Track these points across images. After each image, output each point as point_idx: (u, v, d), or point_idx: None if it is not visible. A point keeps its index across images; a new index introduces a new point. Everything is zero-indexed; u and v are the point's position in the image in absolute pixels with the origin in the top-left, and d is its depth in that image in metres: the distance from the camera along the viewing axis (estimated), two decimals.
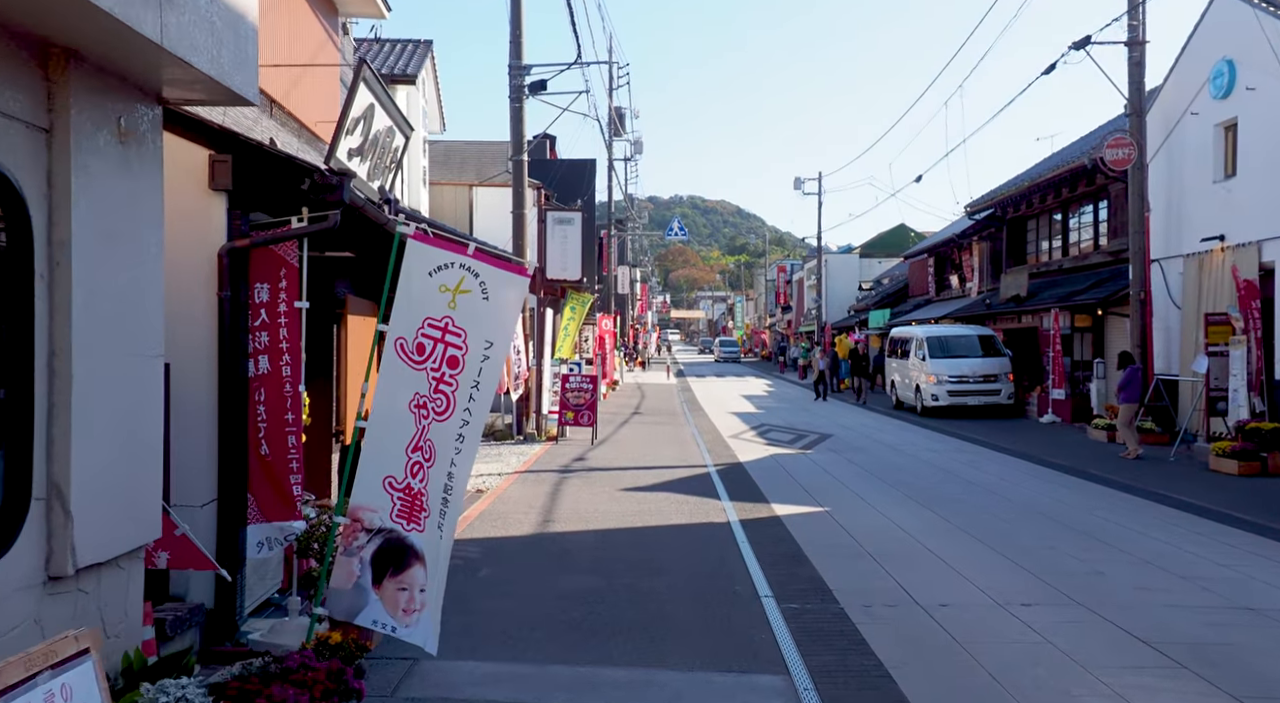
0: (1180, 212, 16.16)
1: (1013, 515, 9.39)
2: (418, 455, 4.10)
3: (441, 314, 4.14)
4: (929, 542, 8.14)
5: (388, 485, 4.17)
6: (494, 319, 4.14)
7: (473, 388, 4.11)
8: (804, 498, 10.60)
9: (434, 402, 4.10)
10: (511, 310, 4.22)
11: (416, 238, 4.19)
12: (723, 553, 7.82)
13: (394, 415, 4.16)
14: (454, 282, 4.16)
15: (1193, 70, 15.58)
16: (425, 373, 4.13)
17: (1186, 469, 12.69)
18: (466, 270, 4.14)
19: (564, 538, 8.38)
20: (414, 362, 4.13)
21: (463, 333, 4.12)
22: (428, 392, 4.10)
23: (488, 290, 4.14)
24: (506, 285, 4.16)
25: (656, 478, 12.06)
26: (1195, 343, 15.43)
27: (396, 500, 4.14)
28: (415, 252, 4.18)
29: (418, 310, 4.17)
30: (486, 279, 4.14)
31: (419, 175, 23.34)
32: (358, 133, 7.10)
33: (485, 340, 4.13)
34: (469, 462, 4.19)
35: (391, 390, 4.17)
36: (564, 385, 16.36)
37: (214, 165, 4.94)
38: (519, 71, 16.06)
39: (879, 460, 13.94)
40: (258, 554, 5.07)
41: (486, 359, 4.13)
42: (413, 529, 4.14)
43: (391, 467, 4.17)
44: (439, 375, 4.11)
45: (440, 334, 4.15)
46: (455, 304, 4.14)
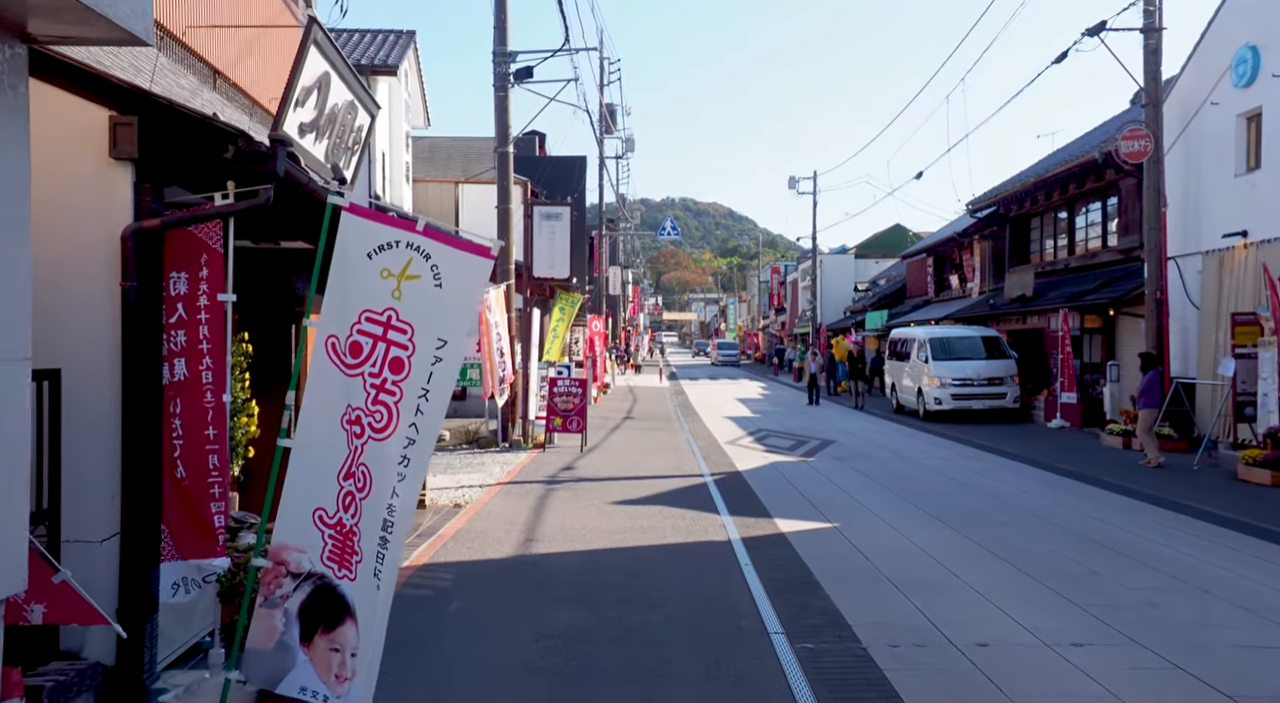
0: (1199, 207, 15.41)
1: (1039, 532, 8.58)
2: (350, 484, 3.27)
3: (383, 306, 3.31)
4: (952, 564, 7.32)
5: (318, 520, 3.33)
6: (449, 311, 3.31)
7: (420, 398, 3.28)
8: (809, 512, 9.77)
9: (372, 415, 3.27)
10: (470, 301, 3.39)
11: (353, 210, 3.36)
12: (724, 578, 6.99)
13: (323, 432, 3.32)
14: (399, 265, 3.32)
15: (1213, 58, 14.84)
16: (362, 379, 3.29)
17: (1213, 479, 11.91)
18: (415, 251, 3.30)
19: (548, 562, 7.54)
20: (348, 365, 3.29)
21: (409, 329, 3.29)
22: (364, 403, 3.27)
23: (441, 276, 3.30)
24: (464, 270, 3.33)
25: (650, 489, 11.23)
26: (1215, 344, 14.68)
27: (328, 539, 3.30)
28: (352, 228, 3.35)
29: (354, 301, 3.33)
30: (440, 262, 3.30)
31: (402, 171, 22.49)
32: (310, 105, 6.25)
33: (438, 338, 3.29)
34: (414, 490, 3.35)
35: (320, 401, 3.33)
36: (551, 390, 15.51)
37: (115, 129, 4.09)
38: (504, 58, 15.21)
39: (886, 469, 13.13)
40: (172, 598, 4.21)
41: (439, 361, 3.29)
42: (344, 577, 3.30)
43: (322, 496, 3.33)
44: (379, 382, 3.28)
45: (381, 331, 3.31)
46: (400, 293, 3.30)
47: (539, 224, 15.98)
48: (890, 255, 46.57)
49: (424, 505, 9.89)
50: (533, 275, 16.23)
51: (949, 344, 21.51)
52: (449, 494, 10.80)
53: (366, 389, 3.26)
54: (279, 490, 3.44)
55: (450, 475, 12.39)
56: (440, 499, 10.43)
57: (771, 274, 64.62)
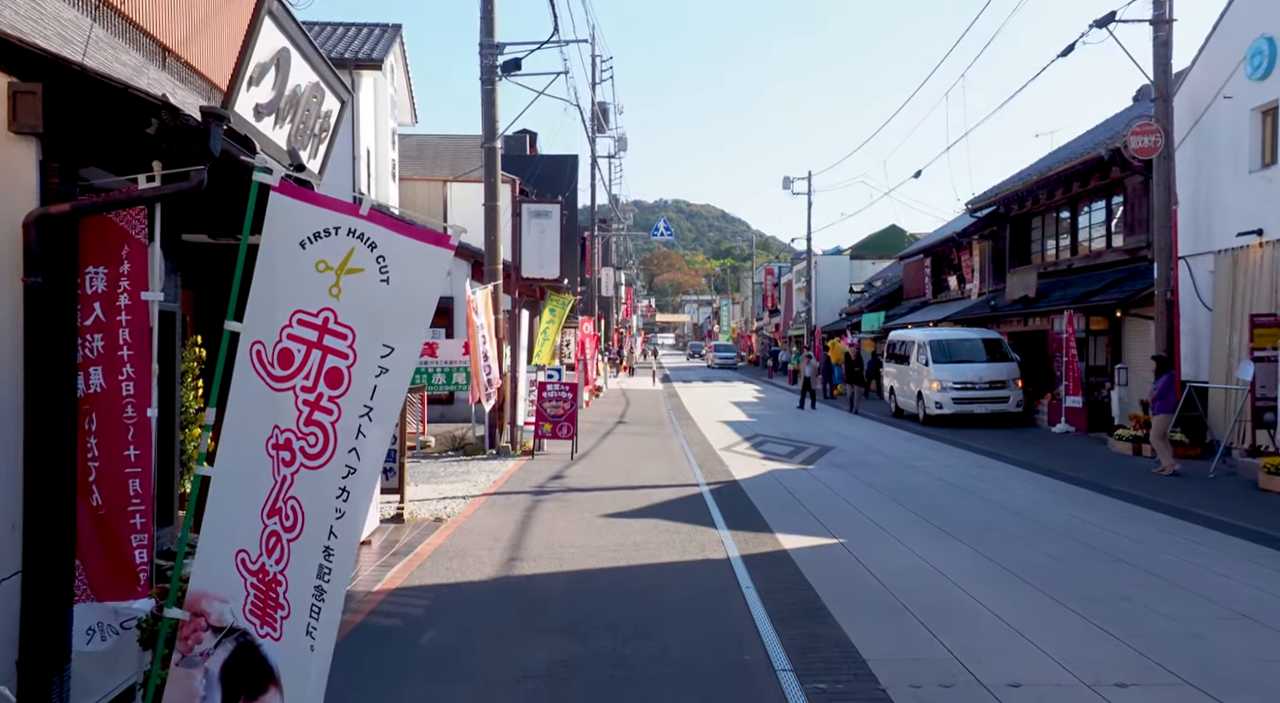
0: (1210, 204, 14.90)
1: (1061, 551, 8.01)
2: (275, 522, 2.69)
3: (319, 305, 2.73)
4: (972, 587, 6.75)
5: (241, 564, 2.74)
6: (398, 312, 2.73)
7: (363, 417, 2.70)
8: (813, 526, 9.20)
9: (304, 439, 2.69)
10: (425, 300, 2.80)
11: (283, 190, 2.77)
12: (725, 603, 6.41)
13: (245, 459, 2.74)
14: (338, 256, 2.74)
15: (1226, 50, 14.33)
16: (292, 394, 2.71)
17: (1232, 488, 11.39)
18: (358, 239, 2.72)
19: (533, 584, 6.94)
20: (275, 378, 2.71)
21: (349, 333, 2.71)
22: (295, 424, 2.69)
23: (389, 269, 2.73)
24: (418, 262, 2.75)
25: (643, 500, 10.64)
26: (1229, 347, 14.17)
27: (250, 588, 2.71)
28: (281, 211, 2.77)
29: (283, 300, 2.75)
30: (388, 253, 2.72)
31: (388, 169, 21.86)
32: (267, 84, 5.65)
33: (383, 345, 2.71)
34: (355, 531, 2.76)
35: (243, 422, 2.75)
36: (541, 394, 14.91)
37: (15, 98, 3.50)
38: (491, 50, 14.62)
39: (889, 477, 12.57)
40: (86, 645, 3.62)
41: (384, 373, 2.71)
42: (266, 635, 2.72)
43: (245, 536, 2.74)
44: (313, 398, 2.70)
45: (316, 335, 2.73)
46: (340, 290, 2.73)
47: (528, 223, 15.40)
48: (886, 256, 46.12)
49: (402, 519, 9.29)
50: (521, 276, 15.63)
51: (949, 347, 20.99)
52: (430, 507, 10.21)
53: (298, 407, 2.68)
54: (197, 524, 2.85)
55: (433, 485, 11.79)
56: (420, 512, 9.84)
57: (765, 276, 64.13)
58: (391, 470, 9.44)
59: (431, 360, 15.70)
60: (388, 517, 9.30)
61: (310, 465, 2.68)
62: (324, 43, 19.87)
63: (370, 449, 2.70)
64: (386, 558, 7.69)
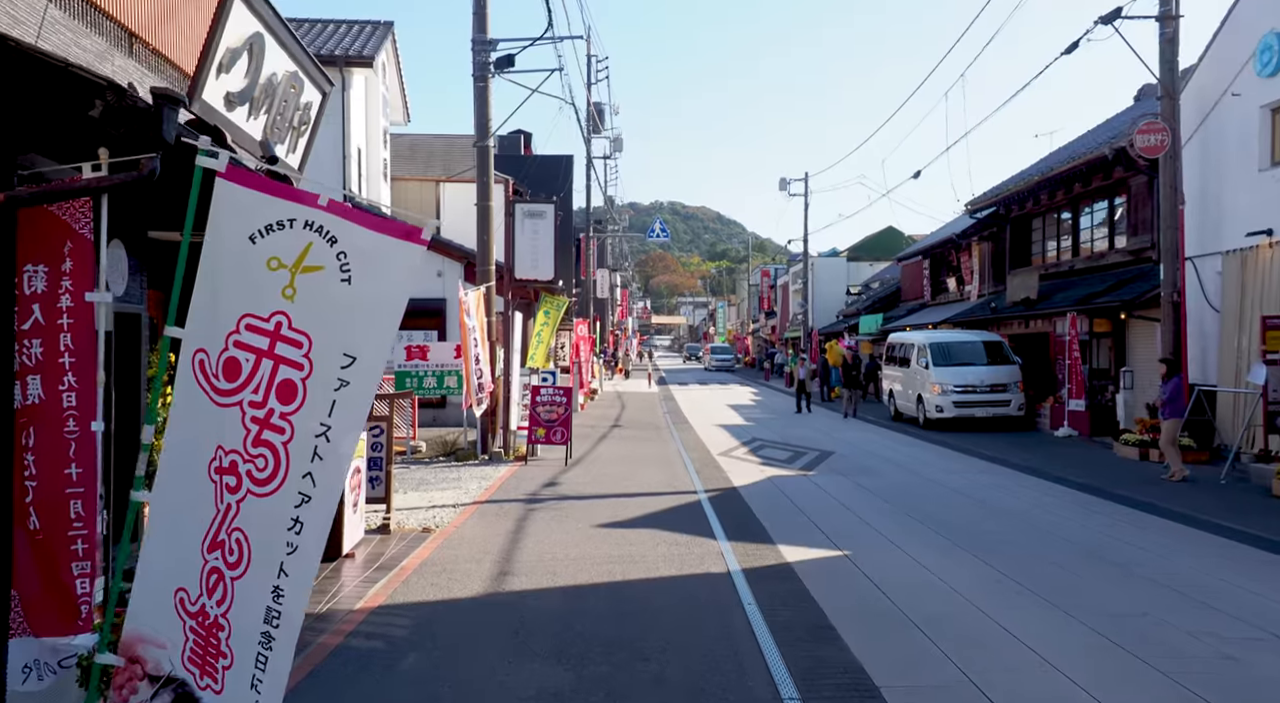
0: (1218, 204, 14.61)
1: (1075, 563, 7.68)
2: (217, 557, 2.34)
3: (271, 309, 2.39)
4: (985, 604, 6.41)
5: (180, 605, 2.39)
6: (362, 316, 2.39)
7: (319, 437, 2.36)
8: (815, 537, 8.87)
9: (251, 462, 2.35)
10: (392, 302, 2.46)
11: (231, 177, 2.43)
12: (726, 622, 6.07)
13: (186, 484, 2.40)
14: (294, 252, 2.40)
15: (1234, 46, 14.04)
16: (239, 410, 2.37)
17: (1245, 495, 11.08)
18: (316, 233, 2.38)
19: (523, 601, 6.59)
20: (220, 392, 2.37)
21: (305, 341, 2.37)
22: (241, 444, 2.35)
23: (352, 267, 2.39)
24: (384, 259, 2.41)
25: (639, 509, 10.30)
26: (1238, 349, 13.88)
27: (189, 632, 2.37)
28: (229, 200, 2.43)
29: (230, 302, 2.41)
30: (350, 248, 2.38)
31: (380, 168, 21.50)
32: (239, 72, 5.31)
33: (344, 353, 2.37)
34: (310, 569, 2.42)
35: (183, 441, 2.41)
36: (534, 398, 14.56)
37: None
38: (484, 47, 14.28)
39: (892, 484, 12.24)
40: (23, 684, 3.26)
41: (345, 386, 2.37)
42: (207, 687, 2.38)
43: (185, 573, 2.40)
44: (262, 415, 2.36)
45: (267, 343, 2.39)
46: (294, 291, 2.39)
47: (521, 223, 15.05)
48: (883, 258, 45.89)
49: (389, 530, 8.94)
50: (514, 277, 15.29)
51: (950, 349, 20.68)
52: (419, 516, 9.85)
53: (245, 424, 2.34)
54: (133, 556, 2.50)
55: (423, 493, 11.44)
56: (408, 522, 9.48)
57: (762, 277, 63.85)
58: (378, 479, 9.09)
59: (423, 364, 15.36)
60: (374, 527, 8.95)
61: (258, 492, 2.34)
62: (313, 39, 19.51)
63: (328, 474, 2.35)
64: (370, 572, 7.34)
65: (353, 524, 7.99)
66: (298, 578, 2.37)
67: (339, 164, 19.03)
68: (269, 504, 2.34)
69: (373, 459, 9.03)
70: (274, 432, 2.35)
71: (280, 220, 2.42)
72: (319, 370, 2.35)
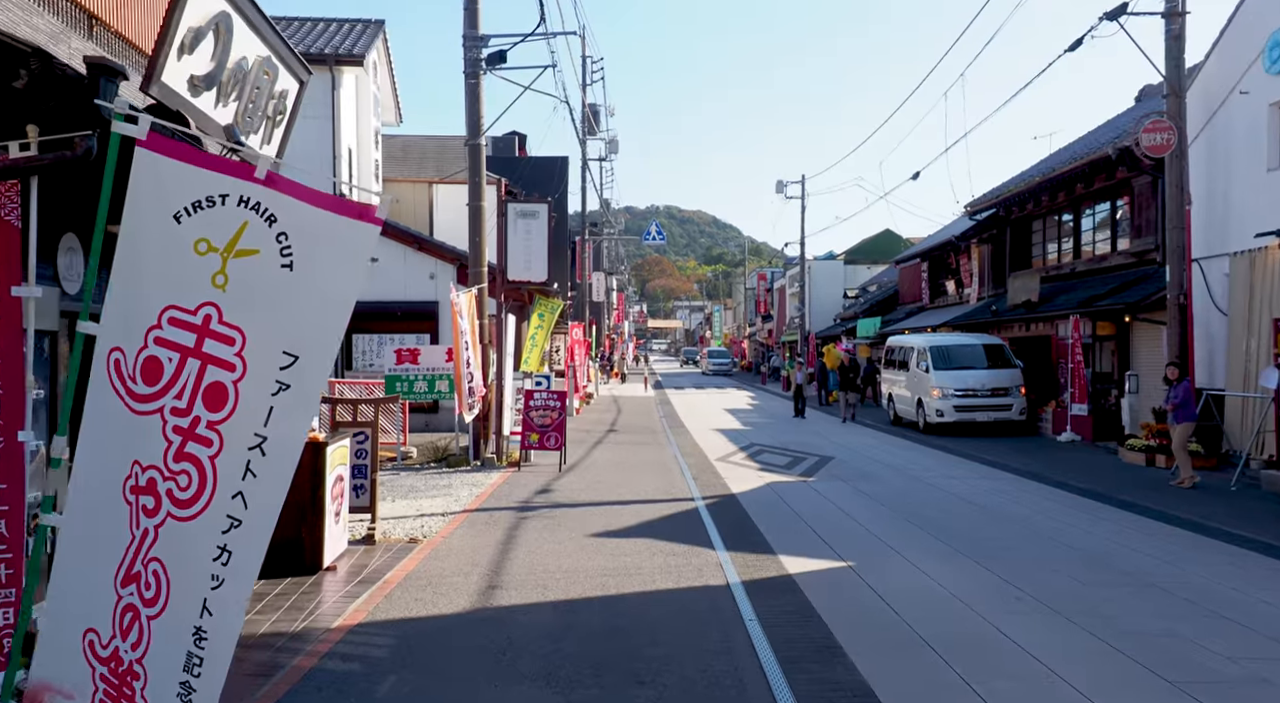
0: (1226, 204, 14.31)
1: (1090, 576, 7.35)
2: (131, 592, 2.00)
3: (198, 299, 2.05)
4: (1000, 621, 6.08)
5: (90, 648, 2.05)
6: (306, 308, 2.05)
7: (253, 450, 2.02)
8: (818, 547, 8.53)
9: (173, 479, 2.01)
10: (342, 291, 2.13)
11: (153, 145, 2.09)
12: (726, 640, 5.73)
13: (97, 506, 2.05)
14: (225, 233, 2.06)
15: (1242, 42, 13.76)
16: (159, 418, 2.04)
17: (1258, 502, 10.77)
18: (252, 211, 2.05)
19: (512, 618, 6.24)
20: (138, 397, 2.04)
21: (239, 337, 2.04)
22: (162, 459, 2.01)
23: (294, 251, 2.05)
24: (333, 242, 2.07)
25: (634, 517, 9.95)
26: (1246, 353, 13.57)
27: (99, 680, 2.02)
28: (150, 173, 2.09)
29: (151, 292, 2.07)
30: (292, 229, 2.05)
31: (371, 169, 21.15)
32: (205, 54, 4.97)
33: (284, 351, 2.04)
34: (238, 607, 2.07)
35: (96, 456, 2.07)
36: (527, 403, 14.21)
37: None
38: (475, 42, 13.95)
39: (894, 491, 11.90)
40: None
41: (284, 390, 2.04)
42: None
43: (96, 611, 2.05)
44: (186, 424, 2.02)
45: (194, 340, 2.05)
46: (226, 278, 2.05)
47: (514, 223, 14.71)
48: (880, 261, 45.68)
49: (374, 541, 8.58)
50: (507, 279, 14.95)
51: (950, 353, 20.38)
52: (406, 526, 9.49)
53: (166, 435, 2.00)
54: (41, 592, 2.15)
55: (412, 501, 11.08)
56: (395, 532, 9.12)
57: (758, 281, 63.58)
58: (362, 488, 8.73)
59: (413, 368, 15.01)
60: (358, 538, 8.60)
61: (180, 516, 2.00)
62: (302, 38, 19.18)
63: (262, 495, 2.01)
64: (352, 587, 6.99)
65: (334, 535, 7.64)
66: (224, 618, 2.02)
67: (329, 164, 18.69)
68: (192, 530, 2.00)
69: (357, 467, 8.68)
70: (200, 444, 2.01)
71: (210, 196, 2.08)
72: (254, 372, 2.01)
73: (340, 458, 7.82)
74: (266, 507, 2.04)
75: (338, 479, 7.72)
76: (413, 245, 19.34)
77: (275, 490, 2.05)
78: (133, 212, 2.12)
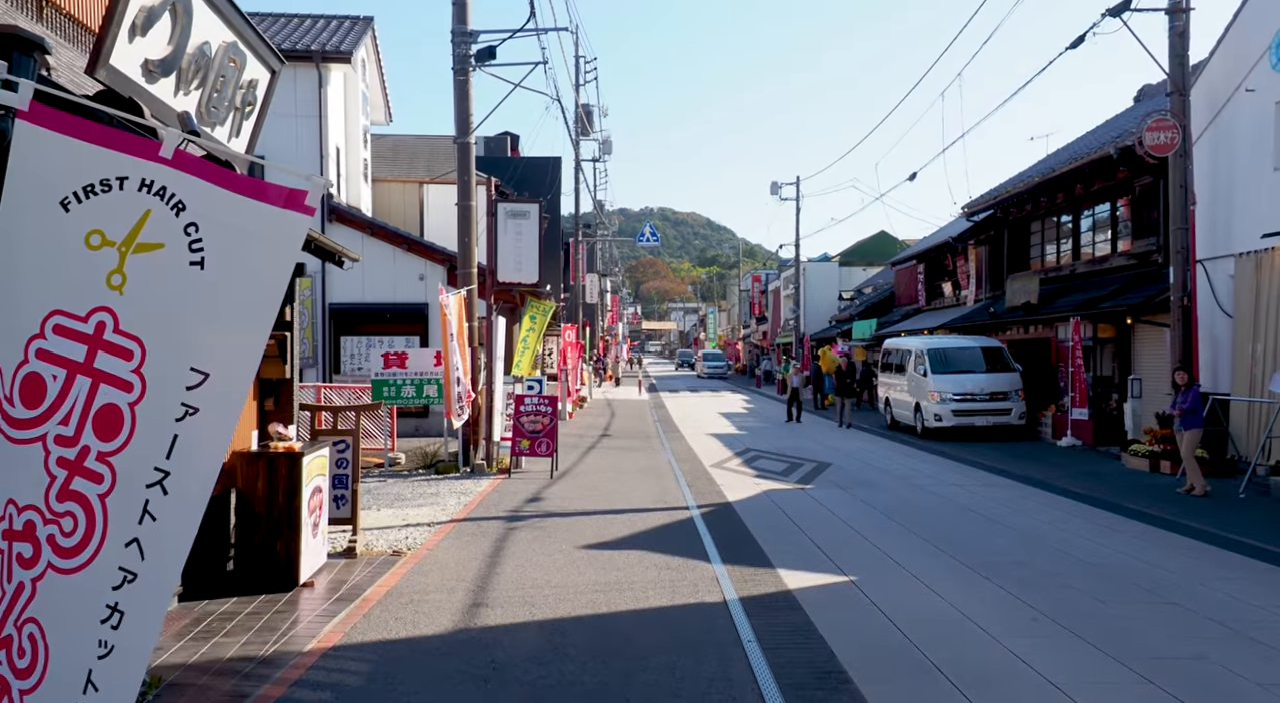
0: (1230, 205, 14.03)
1: (1107, 593, 7.01)
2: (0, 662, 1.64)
3: (90, 304, 1.70)
4: (1017, 644, 5.73)
5: None
6: (220, 315, 1.70)
7: (153, 487, 1.68)
8: (818, 559, 8.18)
9: (55, 522, 1.66)
10: (265, 293, 1.77)
11: (37, 118, 1.73)
12: (723, 664, 5.37)
13: None
14: (124, 224, 1.71)
15: (1247, 39, 13.48)
16: (40, 447, 1.68)
17: (1270, 511, 10.48)
18: (156, 198, 1.71)
19: (496, 640, 5.88)
20: (16, 422, 1.68)
21: (138, 349, 1.69)
22: (42, 498, 1.66)
23: (206, 245, 1.70)
24: (254, 235, 1.72)
25: (627, 527, 9.60)
26: (1252, 356, 13.29)
27: None
28: (33, 150, 1.74)
29: (32, 295, 1.71)
30: (204, 219, 1.70)
31: (360, 169, 20.78)
32: (159, 36, 4.60)
33: (193, 367, 1.69)
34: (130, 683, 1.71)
35: None
36: (518, 408, 13.85)
37: None
38: (464, 38, 13.60)
39: (895, 499, 11.57)
40: None
41: (192, 414, 1.69)
42: None
43: None
44: (72, 455, 1.67)
45: (84, 353, 1.70)
46: (124, 278, 1.70)
47: (504, 223, 14.36)
48: (876, 263, 45.45)
49: (355, 554, 8.21)
50: (498, 280, 14.59)
51: (948, 356, 20.07)
52: (390, 536, 9.13)
53: (49, 469, 1.65)
54: None
55: (397, 509, 10.71)
56: (378, 544, 8.76)
57: (753, 283, 63.32)
58: (343, 498, 8.37)
59: (401, 371, 14.64)
60: (338, 551, 8.23)
61: (62, 567, 1.65)
62: (288, 34, 18.81)
63: (163, 542, 1.66)
64: (329, 605, 6.62)
65: (313, 549, 7.27)
66: (113, 695, 1.67)
67: (316, 163, 18.32)
68: (76, 584, 1.65)
69: (338, 477, 8.31)
70: (89, 479, 1.66)
71: (105, 179, 1.73)
72: (155, 392, 1.66)
73: (319, 468, 7.45)
74: (168, 557, 1.68)
75: (315, 490, 7.35)
76: (402, 247, 18.97)
77: (179, 537, 1.69)
78: (11, 197, 1.76)
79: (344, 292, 18.81)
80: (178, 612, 6.26)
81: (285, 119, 17.76)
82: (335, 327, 18.97)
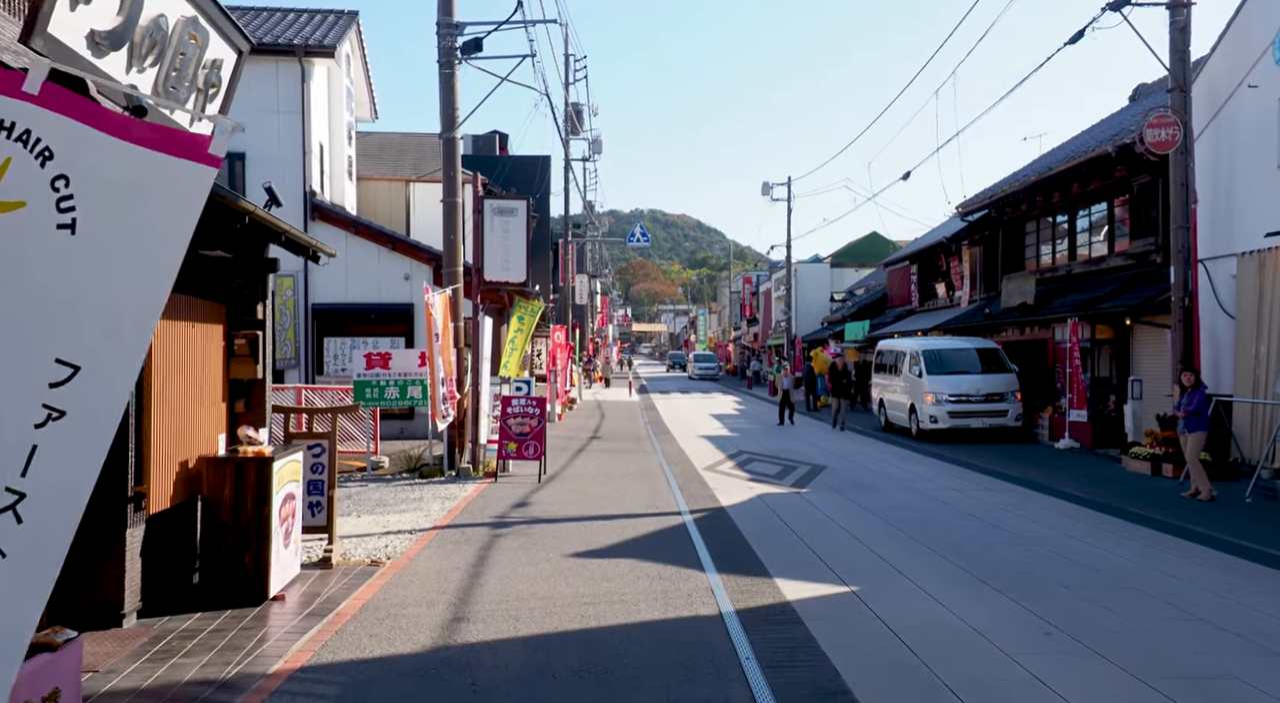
0: (1232, 203, 13.77)
1: (1117, 601, 6.68)
2: None
3: None
4: (1032, 662, 5.39)
5: None
6: (95, 291, 1.32)
7: (4, 512, 1.28)
8: (817, 568, 7.83)
9: None
10: (154, 264, 1.39)
11: None
12: (721, 684, 5.01)
13: None
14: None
15: (1249, 34, 13.23)
16: None
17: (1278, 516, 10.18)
18: (18, 143, 1.31)
19: (478, 658, 5.50)
20: None
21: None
22: None
23: (79, 203, 1.31)
24: (142, 191, 1.33)
25: (618, 534, 9.24)
26: (1254, 357, 13.03)
27: None
28: None
29: None
30: (77, 170, 1.30)
31: (344, 166, 20.36)
32: (107, 6, 4.22)
33: (58, 359, 1.30)
34: None
35: None
36: (505, 410, 13.47)
37: None
38: (450, 30, 13.22)
39: (893, 503, 11.24)
40: None
41: (57, 418, 1.30)
42: None
43: None
44: None
45: None
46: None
47: (490, 221, 13.98)
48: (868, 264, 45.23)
49: (330, 564, 7.82)
50: (484, 279, 14.21)
51: (943, 357, 19.79)
52: (369, 545, 8.73)
53: None
54: None
55: (378, 516, 10.32)
56: (356, 553, 8.37)
57: (744, 284, 63.04)
58: (319, 505, 7.97)
59: (384, 373, 14.24)
60: (313, 561, 7.84)
61: None
62: (270, 28, 18.39)
63: (16, 580, 1.28)
64: (300, 620, 6.22)
65: (284, 560, 6.88)
66: None
67: (299, 159, 17.91)
68: None
69: (313, 483, 7.92)
70: None
71: None
72: (6, 391, 1.29)
73: (291, 474, 7.06)
74: (23, 598, 1.30)
75: (288, 498, 6.96)
76: (386, 245, 18.58)
77: (37, 575, 1.31)
78: None
79: (327, 291, 18.39)
80: (135, 630, 5.86)
81: (267, 114, 17.35)
82: (318, 327, 18.55)
